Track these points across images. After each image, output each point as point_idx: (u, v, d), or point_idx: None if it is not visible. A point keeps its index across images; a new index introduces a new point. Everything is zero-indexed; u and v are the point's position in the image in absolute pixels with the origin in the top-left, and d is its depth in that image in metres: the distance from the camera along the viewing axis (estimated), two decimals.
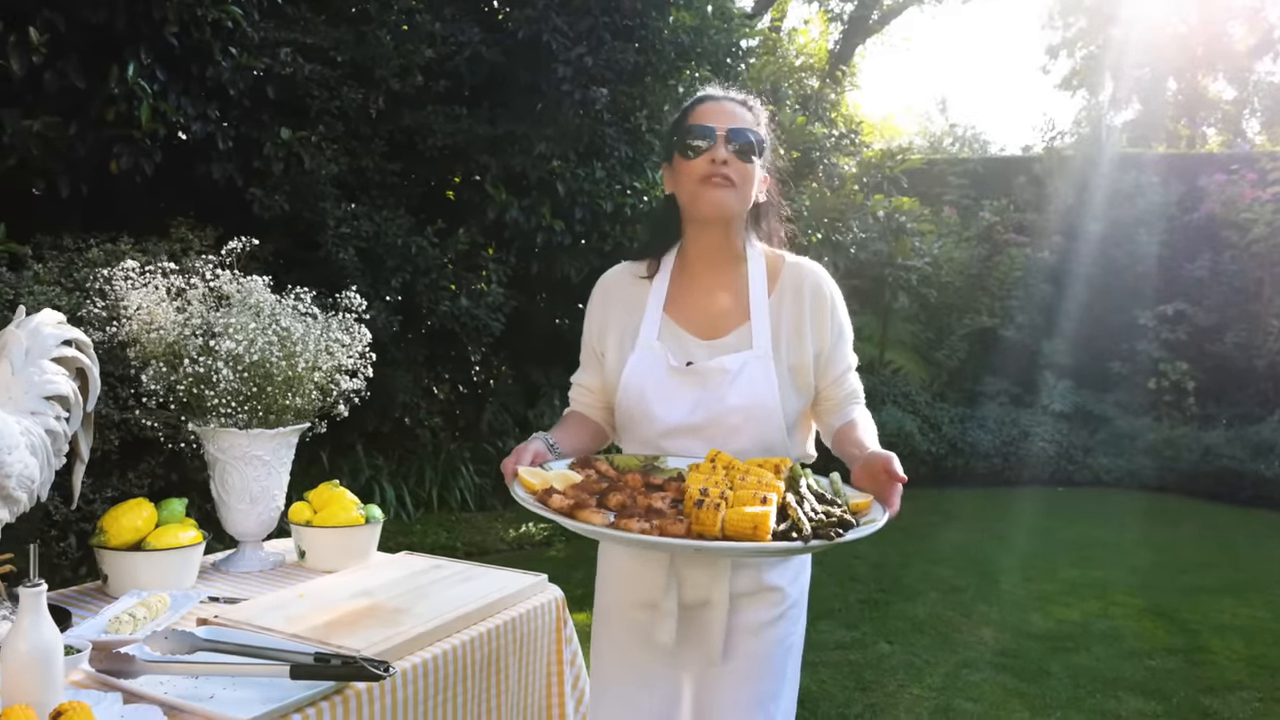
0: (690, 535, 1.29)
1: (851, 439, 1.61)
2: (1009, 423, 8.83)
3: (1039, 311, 9.59)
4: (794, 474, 1.50)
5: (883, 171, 8.36)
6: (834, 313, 1.68)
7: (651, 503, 1.40)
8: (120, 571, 1.81)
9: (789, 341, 1.64)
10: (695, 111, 1.64)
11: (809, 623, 1.83)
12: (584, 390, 1.75)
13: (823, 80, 9.43)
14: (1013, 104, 37.42)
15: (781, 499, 1.38)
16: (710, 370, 1.59)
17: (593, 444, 1.72)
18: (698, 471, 1.48)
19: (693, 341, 1.64)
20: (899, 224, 8.49)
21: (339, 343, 2.06)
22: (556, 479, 1.47)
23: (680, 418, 1.60)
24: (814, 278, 1.69)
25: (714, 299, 1.67)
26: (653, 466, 1.60)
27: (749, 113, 1.66)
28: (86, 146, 4.12)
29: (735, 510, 1.31)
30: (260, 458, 2.01)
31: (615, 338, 1.68)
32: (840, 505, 1.43)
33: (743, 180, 1.61)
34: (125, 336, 1.89)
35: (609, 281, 1.75)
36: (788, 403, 1.62)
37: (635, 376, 1.62)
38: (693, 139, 1.60)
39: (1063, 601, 4.98)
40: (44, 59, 4.02)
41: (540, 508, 1.34)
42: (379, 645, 1.54)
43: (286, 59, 4.94)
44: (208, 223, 4.94)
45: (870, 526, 1.34)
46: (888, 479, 1.40)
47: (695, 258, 1.69)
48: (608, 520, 1.34)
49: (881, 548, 5.97)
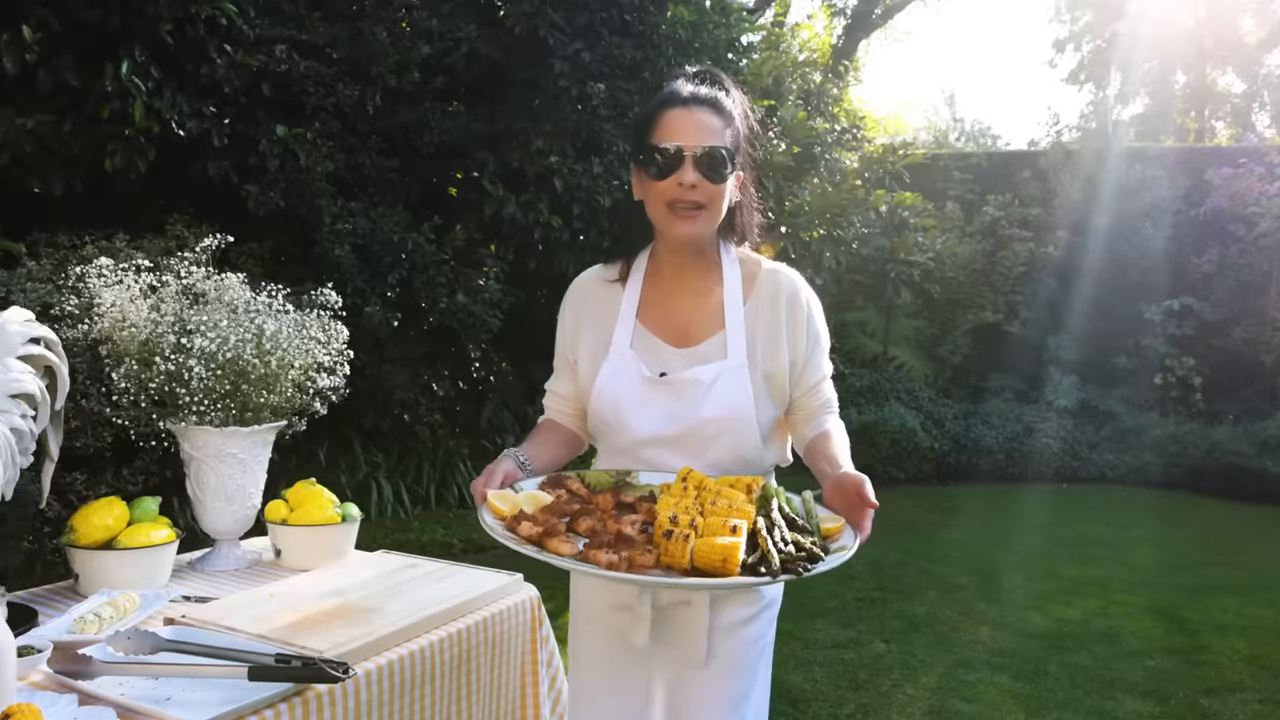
0: (659, 566, 1.29)
1: (824, 453, 1.58)
2: (1013, 419, 8.77)
3: (1044, 307, 9.53)
4: (766, 494, 1.49)
5: (885, 167, 8.31)
6: (810, 321, 1.65)
7: (621, 529, 1.39)
8: (91, 570, 1.80)
9: (764, 350, 1.61)
10: (662, 122, 1.55)
11: (804, 622, 1.82)
12: (558, 398, 1.73)
13: (825, 75, 9.37)
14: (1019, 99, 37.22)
15: (752, 526, 1.37)
16: (684, 382, 1.57)
17: (567, 453, 1.70)
18: (668, 494, 1.47)
19: (666, 350, 1.62)
20: (901, 219, 8.44)
21: (315, 340, 2.04)
22: (527, 501, 1.46)
23: (654, 429, 1.58)
24: (791, 285, 1.66)
25: (688, 306, 1.65)
26: (624, 482, 1.58)
27: (719, 118, 1.57)
28: (80, 144, 4.12)
29: (704, 541, 1.30)
30: (235, 456, 2.00)
31: (588, 345, 1.66)
32: (811, 533, 1.41)
33: (712, 201, 1.56)
34: (98, 334, 1.88)
35: (581, 286, 1.73)
36: (763, 412, 1.60)
37: (608, 386, 1.60)
38: (659, 159, 1.52)
39: (1063, 600, 4.94)
40: (38, 57, 4.02)
41: (508, 538, 1.33)
42: (343, 646, 1.52)
43: (282, 56, 4.93)
44: (204, 220, 4.95)
45: (840, 556, 1.33)
46: (859, 502, 1.38)
47: (668, 262, 1.67)
48: (577, 549, 1.33)
49: (881, 546, 5.94)
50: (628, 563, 1.28)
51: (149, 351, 1.87)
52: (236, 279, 2.00)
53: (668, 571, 1.29)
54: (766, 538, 1.32)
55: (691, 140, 1.52)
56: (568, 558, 1.31)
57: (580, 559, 1.30)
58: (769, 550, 1.29)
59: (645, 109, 1.62)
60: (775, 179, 7.87)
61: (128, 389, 1.87)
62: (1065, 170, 10.01)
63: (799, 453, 1.69)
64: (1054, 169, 10.00)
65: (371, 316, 5.20)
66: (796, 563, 1.28)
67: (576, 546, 1.34)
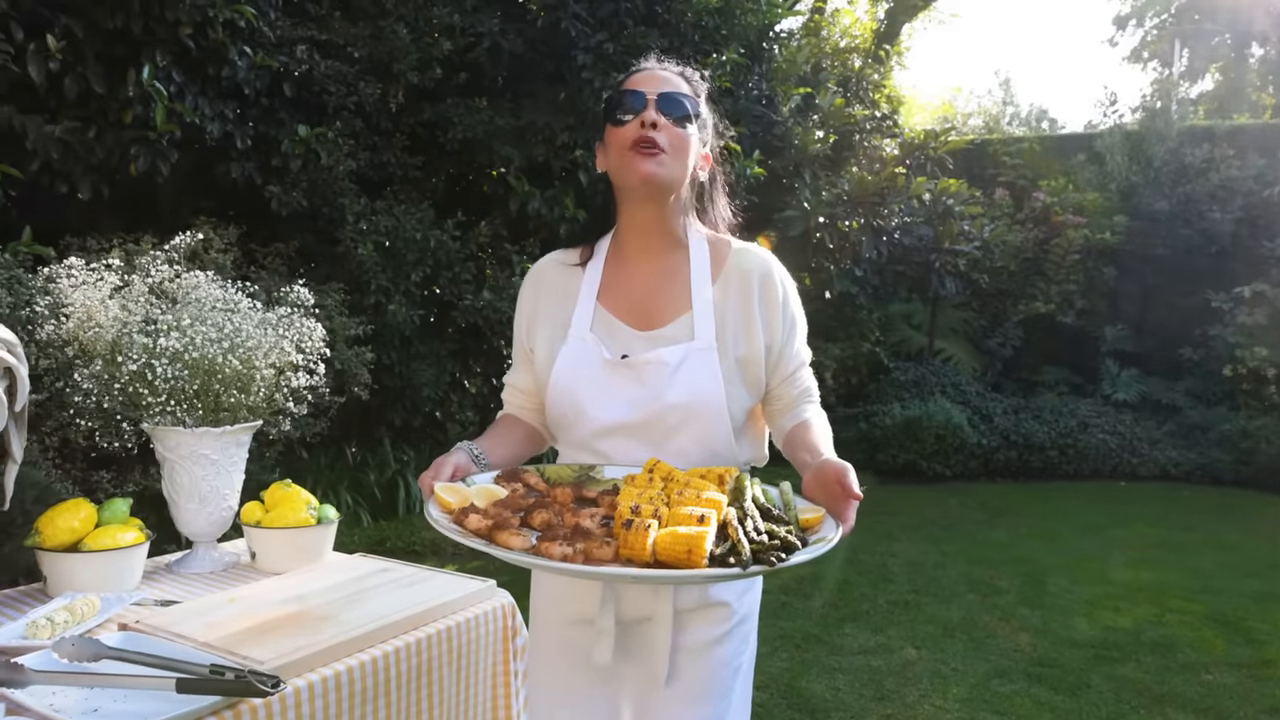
0: (618, 559, 1.19)
1: (804, 443, 1.48)
2: (1067, 414, 8.46)
3: (1100, 296, 9.18)
4: (739, 485, 1.38)
5: (926, 153, 8.06)
6: (785, 304, 1.55)
7: (580, 521, 1.29)
8: (58, 573, 1.77)
9: (736, 332, 1.51)
10: (627, 81, 1.54)
11: (831, 626, 1.71)
12: (516, 391, 1.65)
13: (866, 61, 9.14)
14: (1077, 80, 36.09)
15: (722, 517, 1.26)
16: (647, 364, 1.47)
17: (526, 450, 1.61)
18: (633, 485, 1.37)
19: (629, 333, 1.52)
20: (946, 207, 8.18)
21: (285, 338, 1.99)
22: (479, 495, 1.36)
23: (615, 416, 1.48)
24: (763, 265, 1.55)
25: (652, 286, 1.55)
26: (587, 477, 1.49)
27: (685, 83, 1.55)
28: (105, 149, 4.16)
29: (669, 532, 1.19)
30: (208, 457, 1.96)
31: (545, 331, 1.56)
32: (788, 523, 1.31)
33: (675, 148, 1.48)
34: (65, 335, 1.85)
35: (539, 271, 1.64)
36: (735, 400, 1.49)
37: (565, 371, 1.50)
38: (622, 106, 1.50)
39: (1112, 606, 4.71)
40: (64, 65, 4.08)
41: (454, 531, 1.22)
42: (288, 656, 1.46)
43: (303, 56, 4.94)
44: (231, 221, 4.99)
45: (820, 547, 1.21)
46: (841, 492, 1.27)
47: (630, 241, 1.57)
48: (529, 543, 1.23)
49: (919, 545, 5.75)
50: (583, 555, 1.18)
51: (115, 351, 1.83)
52: (205, 277, 1.96)
53: (628, 565, 1.18)
54: (737, 528, 1.21)
55: (655, 86, 1.50)
56: (518, 551, 1.20)
57: (533, 553, 1.20)
58: (739, 540, 1.18)
59: (615, 83, 1.60)
60: (812, 168, 7.70)
61: (90, 390, 1.83)
62: (1123, 152, 9.62)
63: (778, 446, 1.58)
64: (1111, 151, 9.61)
65: (395, 314, 5.19)
66: (769, 553, 1.16)
67: (529, 540, 1.23)
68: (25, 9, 3.95)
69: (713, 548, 1.18)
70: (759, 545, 1.18)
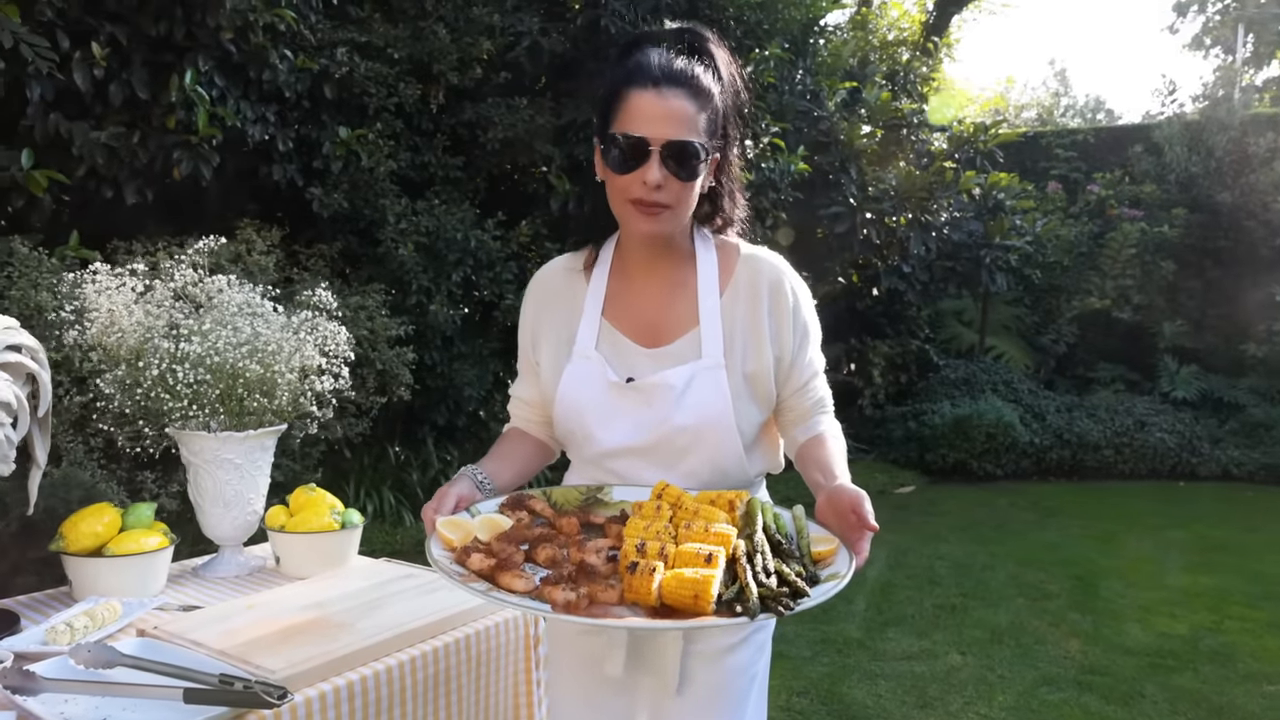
0: (624, 602, 1.17)
1: (818, 461, 1.42)
2: (1123, 412, 8.19)
3: (1158, 291, 8.88)
4: (750, 512, 1.33)
5: (976, 146, 7.86)
6: (796, 311, 1.48)
7: (585, 558, 1.27)
8: (82, 578, 1.78)
9: (744, 346, 1.45)
10: (627, 105, 1.36)
11: (875, 630, 1.66)
12: (522, 404, 1.61)
13: (914, 54, 8.97)
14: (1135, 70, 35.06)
15: (731, 553, 1.22)
16: (653, 387, 1.42)
17: (535, 465, 1.57)
18: (639, 516, 1.33)
19: (635, 350, 1.47)
20: (996, 201, 7.97)
21: (305, 342, 1.98)
22: (482, 527, 1.34)
23: (622, 439, 1.44)
24: (773, 272, 1.49)
25: (658, 300, 1.49)
26: (595, 499, 1.46)
27: (695, 100, 1.37)
28: (149, 154, 4.23)
29: (674, 576, 1.16)
30: (231, 461, 1.96)
31: (550, 346, 1.52)
32: (799, 556, 1.26)
33: (679, 201, 1.39)
34: (89, 340, 1.86)
35: (543, 279, 1.60)
36: (744, 417, 1.44)
37: (571, 393, 1.46)
38: (621, 149, 1.35)
39: (1168, 612, 4.53)
40: (109, 72, 4.16)
41: (454, 578, 1.20)
42: (300, 665, 1.45)
43: (343, 58, 4.98)
44: (277, 224, 5.05)
45: (830, 587, 1.18)
46: (856, 522, 1.23)
47: (635, 251, 1.52)
48: (532, 585, 1.20)
49: (967, 546, 5.62)
50: (588, 600, 1.16)
51: (138, 356, 1.84)
52: (227, 280, 1.96)
53: (634, 609, 1.16)
54: (746, 568, 1.18)
55: (659, 131, 1.34)
56: (519, 595, 1.18)
57: (536, 596, 1.18)
58: (747, 584, 1.15)
59: (610, 81, 1.42)
60: (858, 163, 7.57)
61: (113, 394, 1.84)
62: (1183, 142, 9.29)
63: (790, 457, 1.52)
64: (1170, 142, 9.29)
65: (437, 314, 5.21)
66: (778, 600, 1.14)
67: (532, 581, 1.22)
68: (72, 18, 4.03)
69: (721, 589, 1.16)
70: (767, 590, 1.15)
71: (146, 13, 4.25)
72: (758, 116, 6.77)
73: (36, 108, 3.96)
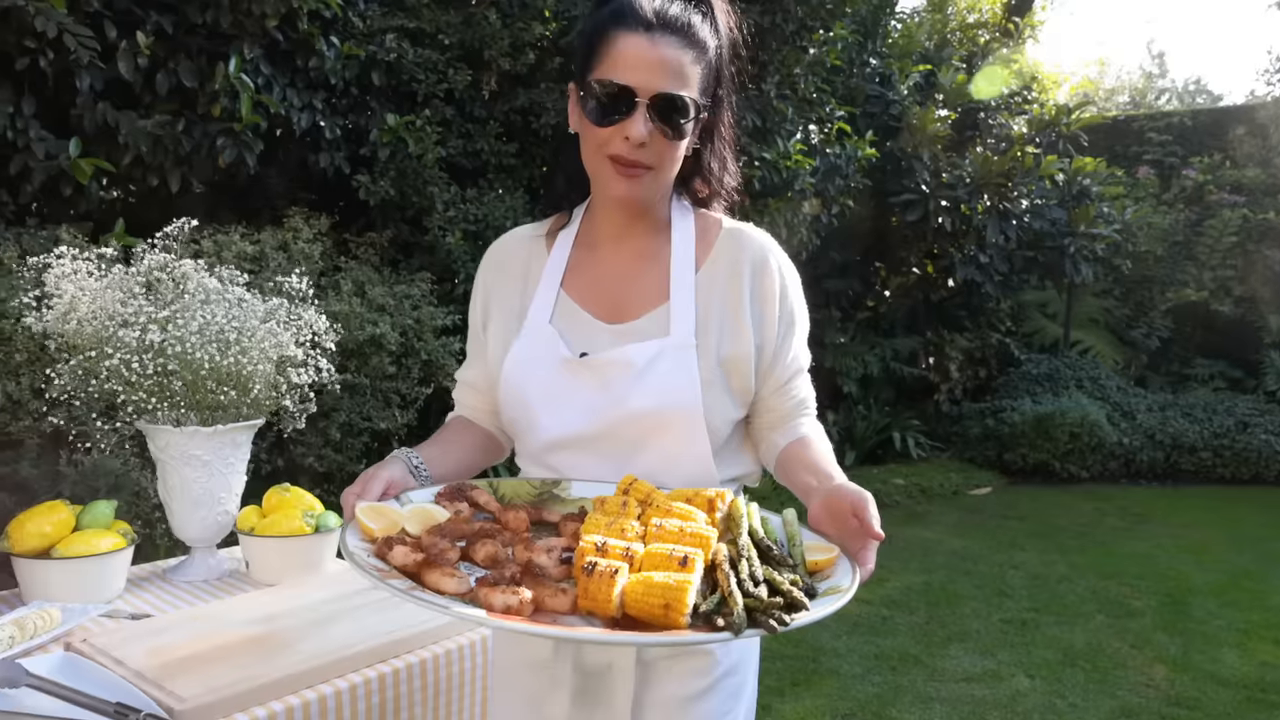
0: (577, 611, 0.96)
1: (806, 462, 1.20)
2: (1223, 411, 7.61)
3: (1263, 282, 8.21)
4: (733, 514, 1.12)
5: (1059, 130, 7.37)
6: (784, 296, 1.27)
7: (534, 557, 1.06)
8: (30, 581, 1.67)
9: (720, 328, 1.24)
10: (614, 51, 1.17)
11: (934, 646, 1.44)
12: (468, 389, 1.42)
13: (994, 35, 8.50)
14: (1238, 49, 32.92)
15: (710, 559, 1.01)
16: (610, 364, 1.22)
17: (479, 460, 1.37)
18: (601, 512, 1.12)
19: (595, 325, 1.27)
20: (1081, 187, 7.47)
21: (281, 333, 1.83)
22: (413, 518, 1.14)
23: (568, 427, 1.23)
24: (758, 249, 1.28)
25: (625, 272, 1.29)
26: (551, 495, 1.25)
27: (690, 49, 1.19)
28: (193, 142, 4.21)
29: (641, 580, 0.96)
30: (199, 457, 1.83)
31: (499, 320, 1.33)
32: (792, 564, 1.05)
33: (663, 162, 1.21)
34: (44, 327, 1.75)
35: (499, 247, 1.40)
36: (716, 410, 1.22)
37: (517, 370, 1.26)
38: (601, 97, 1.17)
39: (1271, 638, 4.10)
40: (156, 61, 4.15)
41: (370, 574, 0.99)
42: (219, 692, 1.29)
43: (392, 45, 4.89)
44: (323, 211, 5.00)
45: (832, 600, 0.96)
46: (859, 528, 1.02)
47: (605, 218, 1.32)
48: (466, 587, 1.00)
49: (1045, 555, 5.23)
50: (533, 606, 0.96)
51: (94, 344, 1.72)
52: (192, 265, 1.82)
53: (589, 620, 0.95)
54: (729, 575, 0.97)
55: (648, 80, 1.16)
56: (448, 597, 0.98)
57: (469, 599, 0.98)
58: (731, 593, 0.94)
59: (594, 21, 1.23)
60: (931, 149, 7.19)
61: (65, 385, 1.72)
62: None
63: (767, 467, 1.30)
64: (1276, 122, 8.59)
65: None
66: (769, 612, 0.92)
67: (467, 582, 1.01)
68: (120, 9, 4.02)
69: (698, 599, 0.95)
70: (754, 601, 0.94)
71: (193, 2, 4.23)
72: (823, 100, 6.47)
73: (86, 97, 3.97)
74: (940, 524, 5.84)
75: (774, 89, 6.00)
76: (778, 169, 5.94)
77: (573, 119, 1.28)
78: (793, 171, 6.00)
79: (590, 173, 1.26)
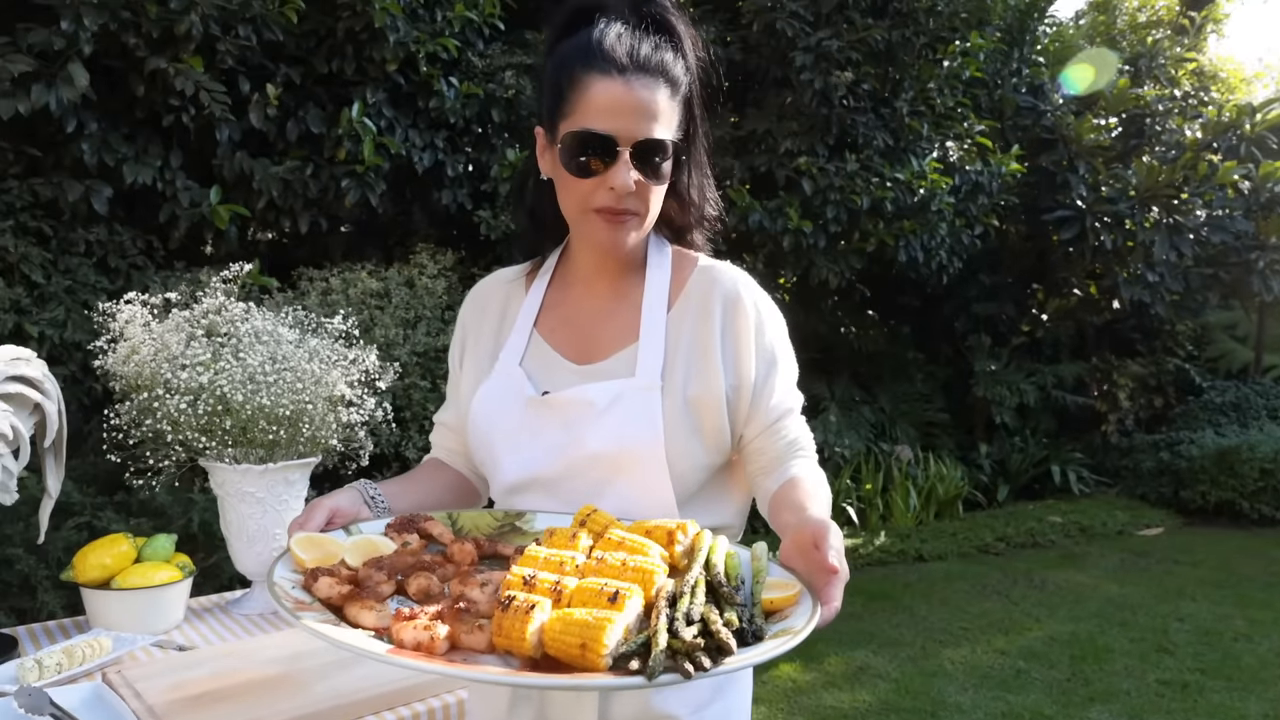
0: (494, 650, 0.90)
1: (790, 501, 1.11)
2: None
3: None
4: (694, 547, 1.02)
5: (1240, 133, 6.66)
6: (759, 333, 1.18)
7: (467, 592, 1.00)
8: (94, 610, 1.76)
9: (687, 367, 1.16)
10: (587, 93, 1.11)
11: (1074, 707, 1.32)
12: (445, 430, 1.38)
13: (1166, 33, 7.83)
14: None
15: (651, 595, 0.93)
16: (571, 403, 1.16)
17: (446, 500, 1.32)
18: (548, 544, 1.05)
19: (564, 366, 1.22)
20: (1271, 195, 6.72)
21: (331, 371, 1.86)
22: (355, 550, 1.09)
23: (530, 467, 1.18)
24: (729, 285, 1.20)
25: (598, 312, 1.24)
26: (513, 528, 1.19)
27: (667, 86, 1.13)
28: (320, 185, 4.47)
29: (560, 617, 0.88)
30: (253, 495, 1.88)
31: (473, 361, 1.30)
32: (740, 603, 0.94)
33: (649, 207, 1.16)
34: (107, 368, 1.85)
35: (479, 290, 1.38)
36: (681, 454, 1.13)
37: (482, 410, 1.23)
38: (581, 149, 1.11)
39: None
40: (286, 110, 4.45)
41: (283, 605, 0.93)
42: None
43: (510, 81, 5.02)
44: (449, 246, 5.19)
45: (776, 645, 0.87)
46: (820, 558, 0.93)
47: (580, 258, 1.27)
48: (386, 622, 0.94)
49: (1219, 607, 4.66)
50: (448, 644, 0.90)
51: (152, 386, 1.80)
52: (243, 309, 1.88)
53: (506, 659, 0.89)
54: (662, 612, 0.88)
55: (627, 128, 1.11)
56: (359, 632, 0.91)
57: (384, 634, 0.91)
58: (656, 633, 0.85)
59: (561, 61, 1.15)
60: (1089, 160, 6.67)
61: (120, 425, 1.81)
62: None
63: (763, 514, 1.19)
64: None
65: None
66: (690, 654, 0.83)
67: (387, 617, 0.94)
68: (253, 64, 4.34)
69: (626, 637, 0.86)
70: (680, 644, 0.84)
71: (319, 53, 4.51)
72: (962, 114, 6.14)
73: (225, 148, 4.29)
74: (1098, 567, 5.33)
75: (906, 105, 5.76)
76: (911, 189, 5.67)
77: (544, 166, 1.22)
78: (929, 191, 5.72)
79: (573, 223, 1.21)
